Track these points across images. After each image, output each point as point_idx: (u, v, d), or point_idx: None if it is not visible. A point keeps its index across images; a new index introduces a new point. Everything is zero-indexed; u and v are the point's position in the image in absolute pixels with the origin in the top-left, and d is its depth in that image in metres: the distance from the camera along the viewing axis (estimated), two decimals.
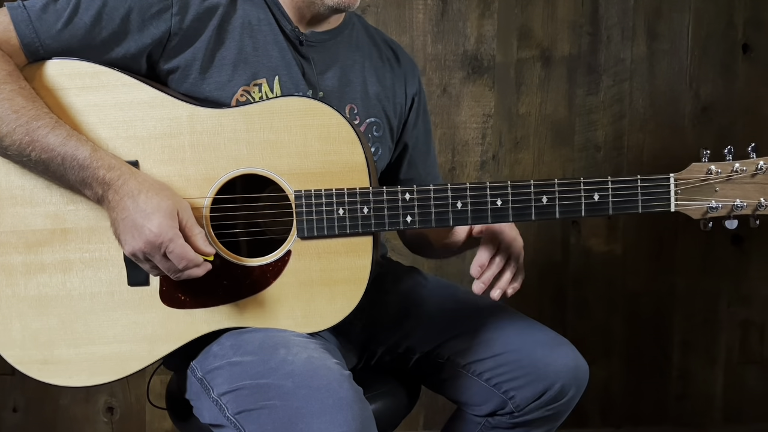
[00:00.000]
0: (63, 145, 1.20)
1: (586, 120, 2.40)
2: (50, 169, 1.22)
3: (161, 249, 1.18)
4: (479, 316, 1.50)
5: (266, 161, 1.27)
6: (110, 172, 1.21)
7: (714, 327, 2.51)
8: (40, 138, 1.20)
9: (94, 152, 1.22)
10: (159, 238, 1.18)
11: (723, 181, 1.27)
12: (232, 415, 1.22)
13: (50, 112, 1.23)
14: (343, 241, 1.28)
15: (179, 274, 1.21)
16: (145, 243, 1.18)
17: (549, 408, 1.41)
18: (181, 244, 1.19)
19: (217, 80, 1.33)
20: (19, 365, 1.30)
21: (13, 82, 1.22)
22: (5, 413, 2.38)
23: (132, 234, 1.19)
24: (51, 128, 1.21)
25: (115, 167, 1.22)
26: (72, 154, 1.20)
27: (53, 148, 1.20)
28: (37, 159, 1.21)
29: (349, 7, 1.38)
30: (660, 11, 2.39)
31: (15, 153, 1.22)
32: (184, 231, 1.21)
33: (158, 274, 1.25)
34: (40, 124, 1.20)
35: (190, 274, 1.22)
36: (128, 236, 1.20)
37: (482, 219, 1.27)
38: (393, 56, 1.57)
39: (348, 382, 1.17)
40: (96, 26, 1.27)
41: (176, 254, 1.19)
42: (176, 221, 1.20)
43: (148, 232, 1.18)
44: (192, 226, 1.22)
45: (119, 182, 1.21)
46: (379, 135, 1.50)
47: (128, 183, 1.21)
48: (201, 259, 1.21)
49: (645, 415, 2.52)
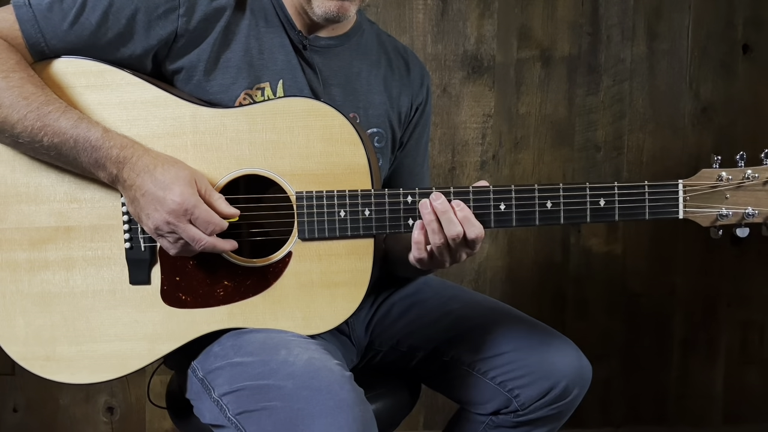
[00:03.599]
0: (75, 128, 1.21)
1: (586, 120, 2.40)
2: (63, 153, 1.22)
3: (186, 216, 1.19)
4: (483, 315, 1.50)
5: (268, 162, 1.27)
6: (124, 151, 1.21)
7: (714, 327, 2.51)
8: (52, 122, 1.20)
9: (106, 132, 1.22)
10: (182, 205, 1.18)
11: (734, 188, 1.23)
12: (233, 415, 1.23)
13: (59, 99, 1.23)
14: (344, 243, 1.28)
15: (208, 242, 1.21)
16: (169, 212, 1.18)
17: (553, 407, 1.42)
18: (205, 209, 1.20)
19: (221, 82, 1.33)
20: (22, 361, 1.31)
21: (22, 70, 1.22)
22: (5, 413, 2.38)
23: (154, 206, 1.19)
24: (62, 112, 1.21)
25: (127, 146, 1.22)
26: (84, 136, 1.21)
27: (65, 131, 1.20)
28: (49, 144, 1.21)
29: (339, 18, 1.34)
30: (660, 11, 2.39)
31: (27, 140, 1.22)
32: (204, 197, 1.21)
33: (182, 251, 1.24)
34: (50, 109, 1.21)
35: (217, 244, 1.22)
36: (150, 210, 1.20)
37: (485, 223, 1.25)
38: (404, 65, 1.54)
39: (349, 384, 1.17)
40: (102, 27, 1.26)
41: (202, 219, 1.19)
42: (195, 189, 1.21)
43: (170, 201, 1.18)
44: (211, 192, 1.23)
45: (134, 159, 1.21)
46: (381, 146, 1.48)
47: (143, 159, 1.21)
48: (226, 223, 1.22)
49: (645, 415, 2.52)
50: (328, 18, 1.34)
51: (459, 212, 1.23)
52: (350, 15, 1.36)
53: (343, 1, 1.32)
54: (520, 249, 2.43)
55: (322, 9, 1.33)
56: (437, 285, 1.59)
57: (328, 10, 1.33)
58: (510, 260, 2.43)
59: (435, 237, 1.24)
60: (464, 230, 1.23)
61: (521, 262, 2.44)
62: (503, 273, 2.44)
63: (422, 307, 1.54)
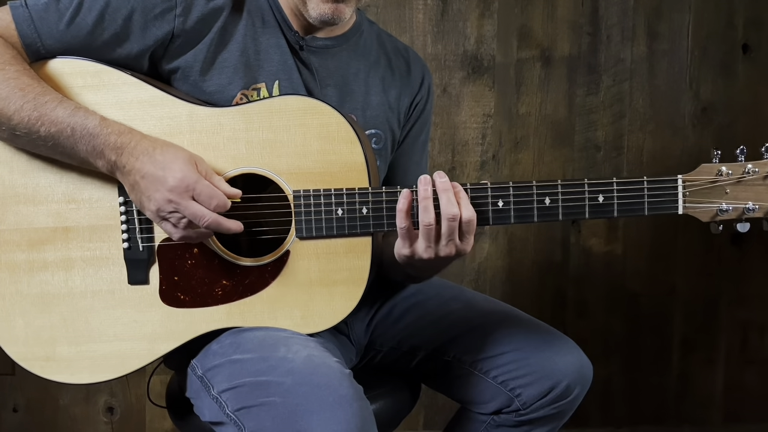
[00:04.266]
0: (72, 116, 1.21)
1: (586, 120, 2.40)
2: (60, 143, 1.22)
3: (188, 192, 1.19)
4: (485, 315, 1.50)
5: (265, 161, 1.27)
6: (122, 137, 1.22)
7: (714, 327, 2.50)
8: (48, 112, 1.21)
9: (104, 120, 1.22)
10: (183, 181, 1.18)
11: (734, 182, 1.22)
12: (231, 412, 1.23)
13: (55, 90, 1.24)
14: (342, 242, 1.28)
15: (212, 219, 1.20)
16: (170, 189, 1.19)
17: (554, 406, 1.41)
18: (206, 183, 1.20)
19: (217, 83, 1.33)
20: (22, 362, 1.31)
21: (18, 63, 1.23)
22: (5, 413, 2.38)
23: (155, 187, 1.20)
24: (58, 102, 1.22)
25: (125, 132, 1.23)
26: (82, 124, 1.21)
27: (62, 120, 1.21)
28: (46, 134, 1.21)
29: (335, 21, 1.34)
30: (660, 11, 2.39)
31: (24, 131, 1.22)
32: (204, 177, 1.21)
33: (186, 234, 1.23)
34: (47, 99, 1.21)
35: (222, 222, 1.21)
36: (151, 191, 1.20)
37: (483, 220, 1.25)
38: (404, 65, 1.54)
39: (348, 380, 1.17)
40: (98, 27, 1.27)
41: (205, 194, 1.19)
42: (195, 167, 1.21)
43: (171, 179, 1.19)
44: (212, 174, 1.23)
45: (132, 143, 1.21)
46: (379, 147, 1.47)
47: (141, 143, 1.22)
48: (229, 201, 1.21)
49: (645, 415, 2.52)
50: (324, 21, 1.34)
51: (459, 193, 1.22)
52: (345, 18, 1.35)
53: (338, 4, 1.32)
54: (520, 249, 2.43)
55: (317, 12, 1.33)
56: (438, 285, 1.59)
57: (323, 12, 1.33)
58: (510, 260, 2.43)
59: (425, 216, 1.21)
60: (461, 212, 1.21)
61: (521, 262, 2.44)
62: (503, 273, 2.44)
63: (423, 308, 1.54)
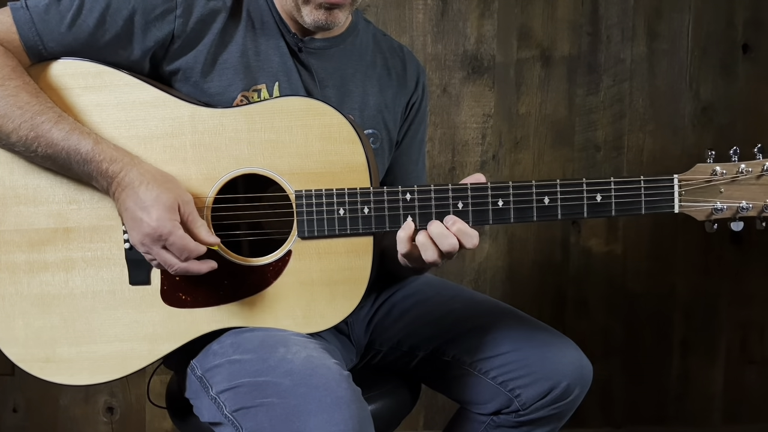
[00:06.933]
0: (66, 140, 1.21)
1: (586, 120, 2.40)
2: (57, 163, 1.24)
3: (160, 242, 1.19)
4: (484, 315, 1.50)
5: (267, 161, 1.27)
6: (112, 165, 1.22)
7: (714, 327, 2.51)
8: (44, 133, 1.21)
9: (96, 145, 1.22)
10: (157, 231, 1.18)
11: (728, 182, 1.24)
12: (229, 412, 1.23)
13: (54, 106, 1.23)
14: (343, 242, 1.28)
15: (180, 268, 1.21)
16: (144, 236, 1.19)
17: (554, 407, 1.41)
18: (180, 235, 1.19)
19: (218, 84, 1.33)
20: (21, 363, 1.31)
21: (17, 77, 1.22)
22: (5, 413, 2.38)
23: (132, 225, 1.21)
24: (54, 123, 1.21)
25: (117, 160, 1.22)
26: (75, 148, 1.21)
27: (57, 143, 1.21)
28: (43, 154, 1.22)
29: (329, 26, 1.34)
30: (660, 11, 2.39)
31: (22, 149, 1.23)
32: (186, 224, 1.21)
33: (163, 268, 1.24)
34: (43, 119, 1.21)
35: (191, 268, 1.22)
36: (130, 227, 1.22)
37: (483, 220, 1.26)
38: (400, 64, 1.54)
39: (346, 382, 1.17)
40: (99, 29, 1.27)
41: (177, 246, 1.19)
42: (176, 214, 1.20)
43: (146, 225, 1.19)
44: (194, 219, 1.22)
45: (121, 174, 1.22)
46: (376, 147, 1.47)
47: (129, 175, 1.21)
48: (203, 248, 1.21)
49: (645, 415, 2.52)
50: (318, 26, 1.35)
51: (452, 227, 1.23)
52: (341, 22, 1.36)
53: (332, 10, 1.33)
54: (520, 249, 2.43)
55: (311, 18, 1.33)
56: (438, 285, 1.59)
57: (317, 18, 1.33)
58: (510, 260, 2.43)
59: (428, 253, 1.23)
60: (460, 241, 1.22)
61: (521, 262, 2.44)
62: (503, 273, 2.44)
63: (423, 307, 1.54)
